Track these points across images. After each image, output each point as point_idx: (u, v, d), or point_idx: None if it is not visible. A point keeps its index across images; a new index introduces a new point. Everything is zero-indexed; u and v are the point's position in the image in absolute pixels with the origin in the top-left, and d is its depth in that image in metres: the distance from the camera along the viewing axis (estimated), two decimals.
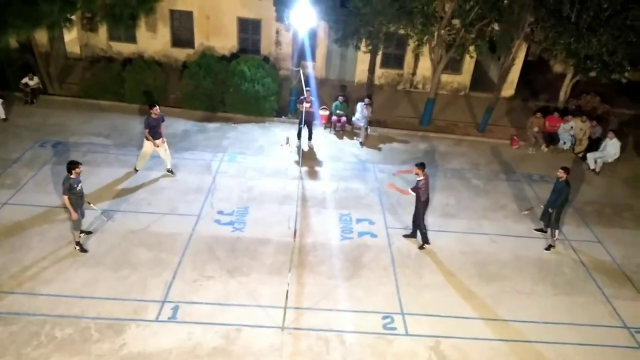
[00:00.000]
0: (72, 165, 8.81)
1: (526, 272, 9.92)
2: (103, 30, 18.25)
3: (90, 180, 11.29)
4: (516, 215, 11.73)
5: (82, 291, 8.37)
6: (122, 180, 11.52)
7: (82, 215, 9.20)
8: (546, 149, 15.23)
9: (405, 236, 10.55)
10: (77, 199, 8.92)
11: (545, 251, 10.53)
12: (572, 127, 15.09)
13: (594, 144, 14.77)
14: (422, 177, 9.76)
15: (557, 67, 21.00)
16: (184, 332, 7.81)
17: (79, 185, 8.96)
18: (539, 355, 8.07)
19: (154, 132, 11.31)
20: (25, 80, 14.79)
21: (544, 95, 19.11)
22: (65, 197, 8.75)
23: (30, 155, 12.19)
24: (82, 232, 9.38)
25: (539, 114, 15.39)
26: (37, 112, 14.46)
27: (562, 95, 16.93)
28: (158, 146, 11.46)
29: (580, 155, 14.95)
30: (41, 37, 15.72)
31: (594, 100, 17.49)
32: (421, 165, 9.81)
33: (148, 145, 11.46)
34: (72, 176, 8.77)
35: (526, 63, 19.04)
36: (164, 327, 7.88)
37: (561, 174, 10.22)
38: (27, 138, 12.95)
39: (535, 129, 15.10)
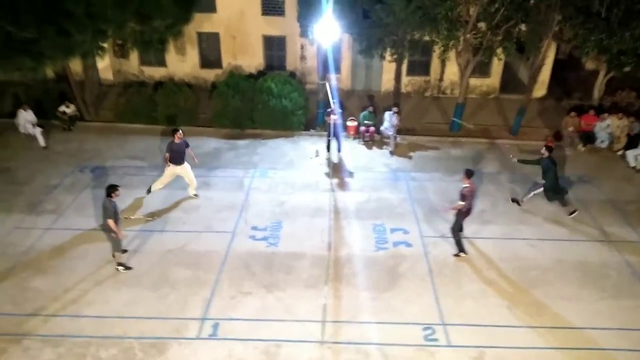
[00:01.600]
0: (112, 189, 9.05)
1: (570, 277, 9.62)
2: (134, 56, 18.82)
3: (127, 201, 11.60)
4: (555, 218, 11.41)
5: (123, 311, 8.55)
6: (157, 200, 11.74)
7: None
8: (583, 149, 14.82)
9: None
10: (117, 220, 9.14)
11: (589, 254, 10.18)
12: (608, 125, 14.65)
13: (633, 141, 14.29)
14: (466, 184, 9.58)
15: (590, 64, 20.40)
16: (225, 349, 7.87)
17: (117, 207, 9.19)
18: None
19: (177, 157, 11.30)
20: (62, 108, 15.34)
21: (577, 94, 18.61)
22: (111, 221, 8.93)
23: (70, 181, 12.60)
24: (123, 266, 9.63)
25: (573, 113, 15.00)
26: (75, 139, 14.96)
27: (596, 93, 16.50)
28: (168, 166, 11.41)
29: (620, 153, 14.48)
30: (75, 66, 16.29)
31: (629, 96, 16.94)
32: (467, 172, 9.68)
33: (168, 170, 11.45)
34: (112, 199, 9.00)
35: (557, 62, 18.61)
36: (205, 344, 7.96)
37: (543, 150, 11.00)
38: (66, 164, 13.40)
39: (571, 129, 14.72)
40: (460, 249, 10.07)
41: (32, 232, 10.55)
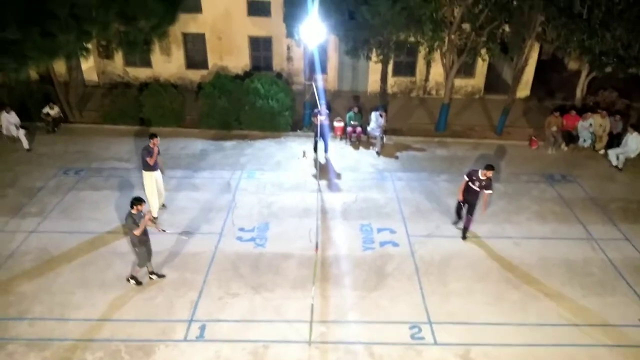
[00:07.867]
0: (135, 202, 8.61)
1: (554, 275, 9.75)
2: (119, 57, 18.68)
3: (114, 203, 11.50)
4: (540, 217, 11.58)
5: (110, 314, 8.48)
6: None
7: (149, 253, 9.05)
8: (566, 148, 15.04)
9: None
10: (140, 236, 8.74)
11: (572, 252, 10.35)
12: (591, 124, 14.89)
13: (615, 140, 14.56)
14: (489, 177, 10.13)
15: (572, 65, 20.74)
16: (212, 350, 7.85)
17: (141, 220, 8.70)
18: (572, 359, 7.90)
19: (154, 163, 10.63)
20: (46, 110, 15.17)
21: (560, 94, 18.91)
22: (138, 230, 8.53)
23: (54, 183, 12.46)
24: (156, 274, 9.35)
25: (556, 113, 15.21)
26: (59, 141, 14.80)
27: (579, 93, 16.74)
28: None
29: (602, 152, 14.72)
30: (59, 67, 16.13)
31: (611, 95, 17.26)
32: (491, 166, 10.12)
33: (149, 179, 10.71)
34: (133, 212, 8.58)
35: (540, 62, 18.89)
36: (192, 346, 7.93)
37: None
38: (51, 166, 13.25)
39: (554, 128, 14.92)
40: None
41: (16, 235, 10.42)
